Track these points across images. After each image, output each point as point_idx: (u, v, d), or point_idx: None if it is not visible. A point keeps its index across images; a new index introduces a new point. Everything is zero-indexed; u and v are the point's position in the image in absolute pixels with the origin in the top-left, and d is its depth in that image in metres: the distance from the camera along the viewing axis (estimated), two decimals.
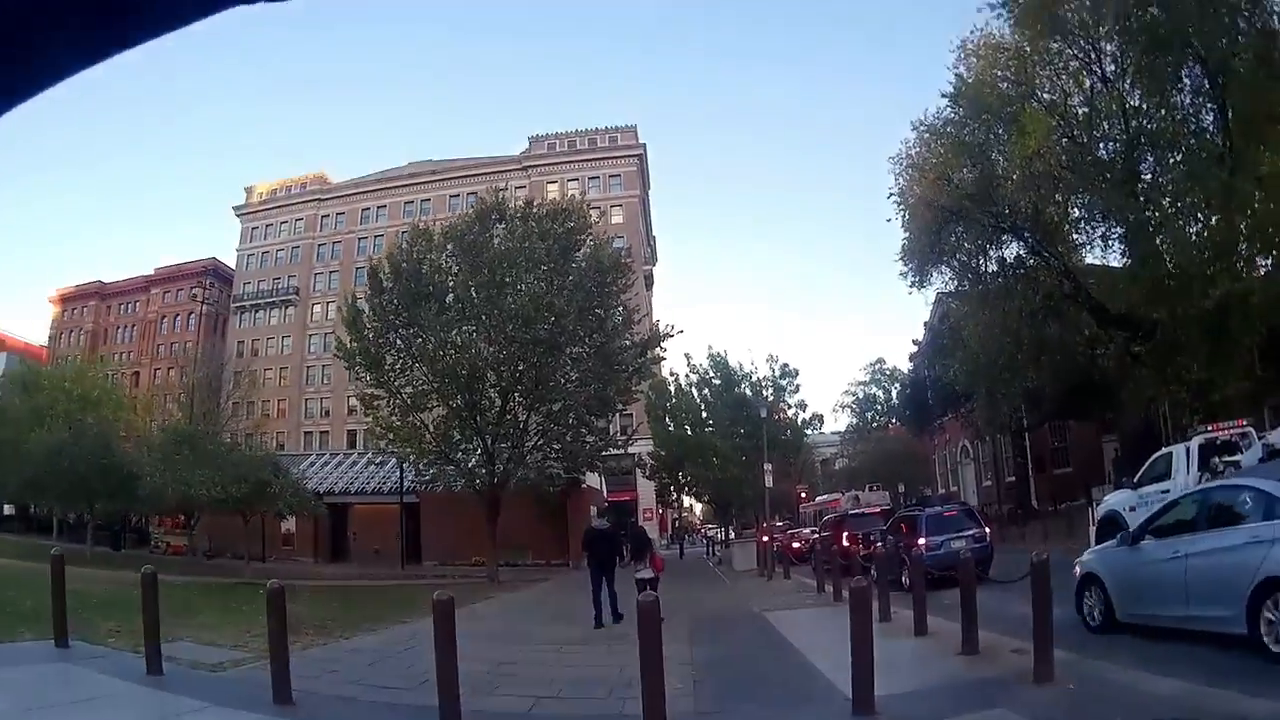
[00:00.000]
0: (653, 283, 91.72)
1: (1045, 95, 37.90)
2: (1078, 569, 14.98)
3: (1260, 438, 23.10)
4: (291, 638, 16.90)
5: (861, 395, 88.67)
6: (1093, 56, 37.30)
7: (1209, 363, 33.63)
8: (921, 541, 24.68)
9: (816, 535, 41.36)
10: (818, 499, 75.18)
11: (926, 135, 40.96)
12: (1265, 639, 10.06)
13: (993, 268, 43.63)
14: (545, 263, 37.31)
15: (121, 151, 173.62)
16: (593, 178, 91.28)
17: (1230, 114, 33.45)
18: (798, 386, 46.11)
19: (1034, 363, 41.39)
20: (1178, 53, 33.47)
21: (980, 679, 11.47)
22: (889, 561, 21.81)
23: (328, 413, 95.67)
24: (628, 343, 41.22)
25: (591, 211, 41.30)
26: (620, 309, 40.84)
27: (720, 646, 16.40)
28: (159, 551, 56.71)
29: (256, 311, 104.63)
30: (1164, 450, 26.30)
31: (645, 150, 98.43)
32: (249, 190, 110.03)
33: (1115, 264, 40.93)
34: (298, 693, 11.66)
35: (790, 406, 46.93)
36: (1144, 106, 36.64)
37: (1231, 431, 24.53)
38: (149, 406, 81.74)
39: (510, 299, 35.77)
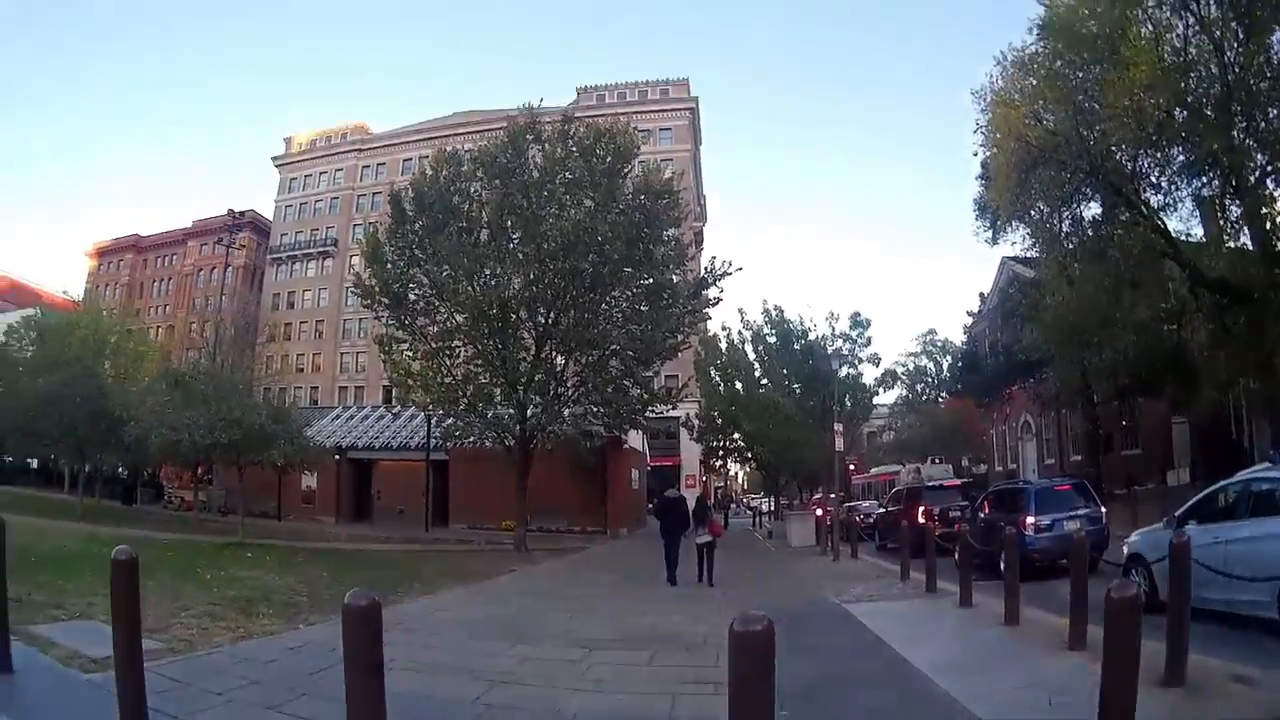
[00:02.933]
0: (702, 241, 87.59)
1: (1142, 32, 33.31)
2: (1125, 549, 15.66)
3: None
4: (238, 621, 13.00)
5: (912, 367, 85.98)
6: None
7: None
8: (1030, 520, 21.01)
9: (885, 510, 37.50)
10: (872, 471, 71.03)
11: (1012, 70, 36.72)
12: None
13: (1066, 227, 39.61)
14: (587, 186, 33.02)
15: (166, 105, 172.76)
16: (643, 131, 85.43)
17: None
18: (869, 339, 41.27)
19: (1123, 330, 37.32)
20: None
21: None
22: (993, 542, 19.35)
23: (363, 368, 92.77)
24: (678, 279, 36.77)
25: (640, 144, 36.87)
26: (672, 242, 36.18)
27: (808, 660, 11.48)
28: (172, 506, 53.22)
29: (294, 263, 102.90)
30: None
31: (697, 104, 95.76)
32: (288, 141, 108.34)
33: (1195, 233, 38.06)
34: None
35: (862, 360, 42.22)
36: (1240, 56, 32.51)
37: None
38: (168, 355, 78.04)
39: (548, 225, 31.65)
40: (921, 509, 30.29)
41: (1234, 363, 35.88)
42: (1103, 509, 22.77)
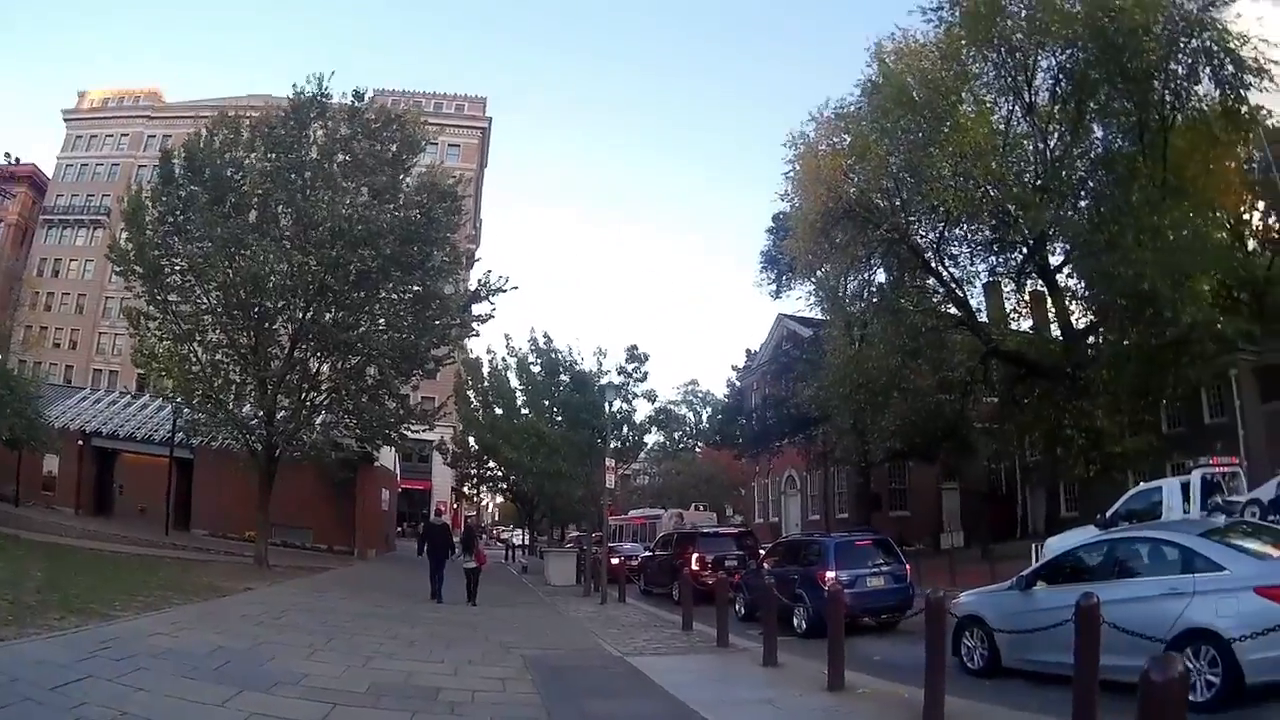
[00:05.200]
0: (474, 263, 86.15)
1: (963, 109, 33.62)
2: (954, 611, 13.60)
3: (1277, 475, 21.51)
4: None
5: (665, 416, 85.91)
6: (1021, 81, 34.75)
7: (1138, 405, 33.74)
8: (830, 575, 18.88)
9: (653, 554, 35.70)
10: (630, 513, 69.41)
11: (829, 125, 37.26)
12: None
13: (854, 288, 41.89)
14: (369, 172, 30.80)
15: None
16: (432, 143, 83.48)
17: (1166, 163, 32.07)
18: (645, 374, 39.24)
19: (907, 394, 37.68)
20: (1107, 97, 32.98)
21: None
22: (791, 595, 19.20)
23: (120, 351, 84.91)
24: (451, 290, 34.65)
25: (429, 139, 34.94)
26: (448, 249, 33.81)
27: None
28: None
29: (64, 229, 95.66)
30: (1147, 485, 24.63)
31: (490, 125, 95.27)
32: (81, 95, 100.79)
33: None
34: None
35: (636, 395, 40.06)
36: (1060, 144, 35.16)
37: (1224, 469, 23.11)
38: None
39: (321, 210, 28.68)
40: (696, 555, 28.79)
41: (1021, 433, 38.52)
42: (907, 566, 21.31)
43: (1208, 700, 9.51)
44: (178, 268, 30.38)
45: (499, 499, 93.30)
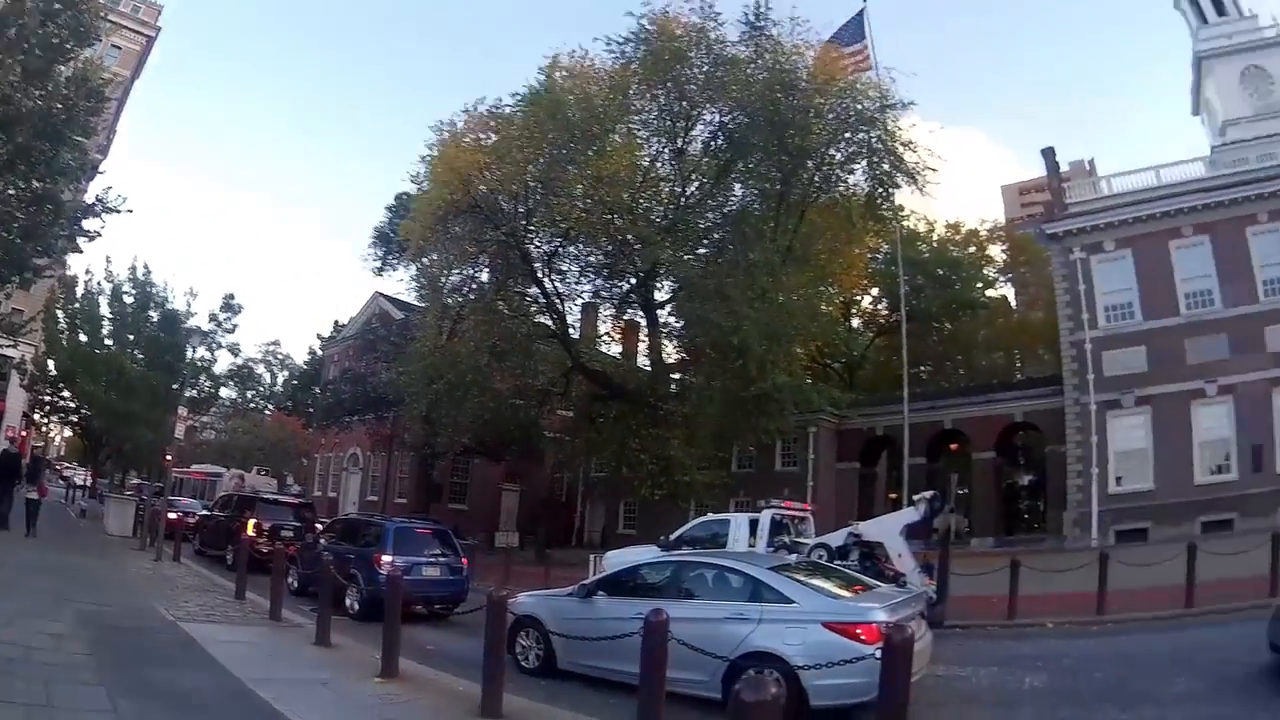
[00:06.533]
0: (96, 175, 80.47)
1: (616, 139, 34.84)
2: (512, 610, 12.58)
3: (848, 525, 22.16)
4: None
5: (247, 373, 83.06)
6: (679, 127, 36.09)
7: (713, 443, 34.98)
8: (386, 559, 19.00)
9: (211, 514, 34.18)
10: (193, 467, 66.59)
11: (480, 121, 37.14)
12: None
13: (456, 280, 41.39)
14: (28, 54, 26.35)
15: None
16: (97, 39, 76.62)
17: (797, 234, 34.68)
18: (235, 326, 37.66)
19: (487, 393, 37.59)
20: (758, 163, 34.73)
21: None
22: (347, 575, 18.73)
23: None
24: (68, 198, 30.83)
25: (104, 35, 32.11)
26: (76, 152, 30.22)
27: (160, 709, 8.49)
28: None
29: None
30: (715, 516, 25.52)
31: (158, 36, 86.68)
32: None
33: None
34: None
35: (221, 345, 38.32)
36: (699, 192, 36.92)
37: (795, 513, 23.56)
38: None
39: None
40: (254, 522, 27.68)
41: (591, 449, 39.46)
42: (464, 560, 21.47)
43: None
44: None
45: (68, 433, 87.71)
